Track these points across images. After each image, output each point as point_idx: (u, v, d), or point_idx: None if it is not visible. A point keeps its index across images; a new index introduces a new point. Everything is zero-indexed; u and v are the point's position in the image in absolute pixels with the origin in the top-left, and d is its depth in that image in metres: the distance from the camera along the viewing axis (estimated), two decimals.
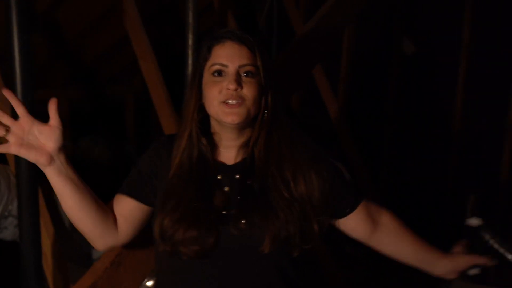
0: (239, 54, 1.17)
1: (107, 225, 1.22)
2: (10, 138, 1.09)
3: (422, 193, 3.88)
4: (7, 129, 1.08)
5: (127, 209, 1.24)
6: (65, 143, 1.12)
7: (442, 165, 3.76)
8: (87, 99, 4.12)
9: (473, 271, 1.38)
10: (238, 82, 1.14)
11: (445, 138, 3.73)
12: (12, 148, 1.08)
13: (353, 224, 1.32)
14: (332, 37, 2.20)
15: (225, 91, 1.14)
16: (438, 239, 4.27)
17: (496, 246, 3.65)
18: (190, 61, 2.45)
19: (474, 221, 1.38)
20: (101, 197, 1.23)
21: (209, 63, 1.19)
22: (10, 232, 2.24)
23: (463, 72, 3.62)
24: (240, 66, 1.16)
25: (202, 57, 1.21)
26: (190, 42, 2.43)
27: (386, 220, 1.36)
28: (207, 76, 1.19)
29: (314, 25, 2.06)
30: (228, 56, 1.16)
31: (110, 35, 3.50)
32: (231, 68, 1.15)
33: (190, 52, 2.44)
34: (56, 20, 3.03)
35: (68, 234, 2.27)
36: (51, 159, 1.11)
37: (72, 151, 3.77)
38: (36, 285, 1.60)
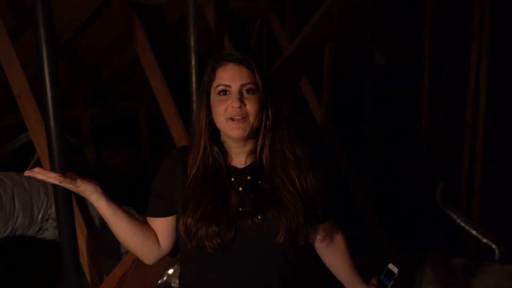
0: (240, 74, 1.17)
1: (152, 241, 1.25)
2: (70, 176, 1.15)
3: (398, 182, 3.95)
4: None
5: (159, 227, 1.27)
6: (90, 154, 1.16)
7: (414, 158, 3.83)
8: (106, 115, 4.14)
9: None
10: (241, 100, 1.16)
11: (415, 135, 3.81)
12: (78, 181, 1.14)
13: (316, 233, 1.33)
14: (315, 53, 2.25)
15: (230, 109, 1.17)
16: (411, 218, 4.32)
17: (462, 224, 3.72)
18: (193, 79, 2.48)
19: (394, 268, 1.33)
20: (122, 199, 1.23)
21: (214, 83, 1.20)
22: (50, 232, 2.30)
23: (427, 77, 3.71)
24: (242, 85, 1.17)
25: (207, 78, 1.22)
26: (193, 62, 2.47)
27: (340, 239, 1.41)
28: (213, 95, 1.21)
29: (298, 44, 2.10)
30: (230, 78, 1.17)
31: (123, 59, 3.54)
32: (234, 88, 1.17)
33: (193, 71, 2.47)
34: (77, 49, 3.08)
35: (100, 233, 2.31)
36: (102, 190, 1.20)
37: (96, 161, 3.82)
38: (74, 277, 1.66)
